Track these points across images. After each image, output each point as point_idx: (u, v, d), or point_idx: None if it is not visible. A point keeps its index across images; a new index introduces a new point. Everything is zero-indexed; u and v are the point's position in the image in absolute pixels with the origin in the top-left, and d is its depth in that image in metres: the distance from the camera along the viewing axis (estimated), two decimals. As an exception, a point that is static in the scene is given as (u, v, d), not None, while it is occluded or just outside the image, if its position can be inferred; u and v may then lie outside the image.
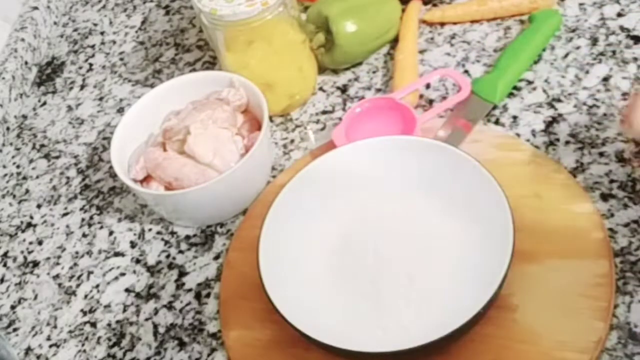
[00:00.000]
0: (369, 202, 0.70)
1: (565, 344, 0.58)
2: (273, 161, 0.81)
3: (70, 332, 0.73)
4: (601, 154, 0.71)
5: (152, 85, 0.93)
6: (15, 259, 0.82)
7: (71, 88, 1.00)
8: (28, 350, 0.73)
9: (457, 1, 0.90)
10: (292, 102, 0.84)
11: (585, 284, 0.61)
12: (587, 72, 0.78)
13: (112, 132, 0.80)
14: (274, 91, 0.81)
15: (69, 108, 0.97)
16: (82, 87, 0.99)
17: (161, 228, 0.79)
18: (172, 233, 0.78)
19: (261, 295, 0.62)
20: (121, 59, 1.01)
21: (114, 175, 0.85)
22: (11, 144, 0.95)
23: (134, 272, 0.76)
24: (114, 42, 1.04)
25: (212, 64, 0.94)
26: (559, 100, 0.77)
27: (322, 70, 0.87)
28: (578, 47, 0.81)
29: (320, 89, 0.87)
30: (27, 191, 0.88)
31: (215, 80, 0.82)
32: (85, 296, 0.76)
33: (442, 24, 0.89)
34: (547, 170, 0.70)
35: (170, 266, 0.76)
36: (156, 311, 0.72)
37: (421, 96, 0.82)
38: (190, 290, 0.73)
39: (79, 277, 0.78)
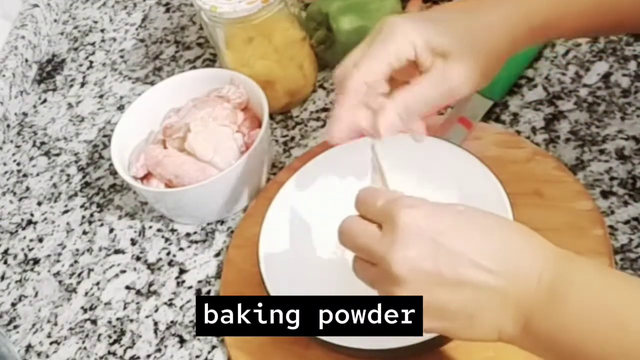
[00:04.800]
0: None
1: (565, 341, 0.58)
2: (273, 158, 0.81)
3: (70, 329, 0.73)
4: (601, 151, 0.71)
5: (152, 83, 0.93)
6: (15, 257, 0.82)
7: (71, 85, 1.00)
8: (29, 347, 0.73)
9: (458, -2, 0.90)
10: (292, 99, 0.84)
11: (586, 281, 0.61)
12: (588, 69, 0.78)
13: (113, 129, 0.80)
14: (274, 88, 0.81)
15: (70, 105, 0.97)
16: (83, 84, 0.99)
17: (161, 225, 0.79)
18: (173, 230, 0.78)
19: (261, 293, 0.62)
20: (121, 57, 1.01)
21: (114, 173, 0.85)
22: (11, 141, 0.95)
23: (135, 269, 0.76)
24: (114, 39, 1.04)
25: (212, 61, 0.94)
26: (559, 98, 0.77)
27: (322, 67, 0.87)
28: (578, 45, 0.81)
29: (321, 86, 0.87)
30: (27, 189, 0.88)
31: (216, 78, 0.82)
32: (86, 293, 0.76)
33: (443, 21, 0.88)
34: (547, 168, 0.70)
35: (171, 263, 0.76)
36: (156, 308, 0.72)
37: (421, 93, 0.81)
38: (190, 287, 0.73)
39: (79, 275, 0.78)
